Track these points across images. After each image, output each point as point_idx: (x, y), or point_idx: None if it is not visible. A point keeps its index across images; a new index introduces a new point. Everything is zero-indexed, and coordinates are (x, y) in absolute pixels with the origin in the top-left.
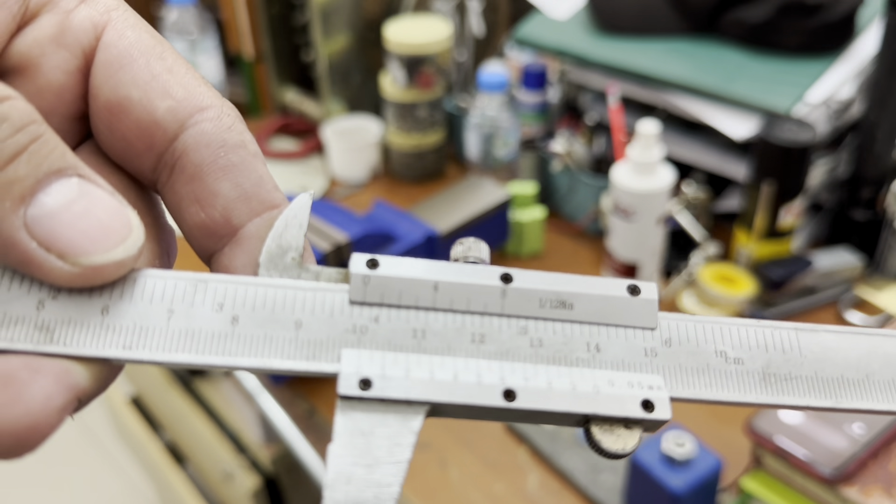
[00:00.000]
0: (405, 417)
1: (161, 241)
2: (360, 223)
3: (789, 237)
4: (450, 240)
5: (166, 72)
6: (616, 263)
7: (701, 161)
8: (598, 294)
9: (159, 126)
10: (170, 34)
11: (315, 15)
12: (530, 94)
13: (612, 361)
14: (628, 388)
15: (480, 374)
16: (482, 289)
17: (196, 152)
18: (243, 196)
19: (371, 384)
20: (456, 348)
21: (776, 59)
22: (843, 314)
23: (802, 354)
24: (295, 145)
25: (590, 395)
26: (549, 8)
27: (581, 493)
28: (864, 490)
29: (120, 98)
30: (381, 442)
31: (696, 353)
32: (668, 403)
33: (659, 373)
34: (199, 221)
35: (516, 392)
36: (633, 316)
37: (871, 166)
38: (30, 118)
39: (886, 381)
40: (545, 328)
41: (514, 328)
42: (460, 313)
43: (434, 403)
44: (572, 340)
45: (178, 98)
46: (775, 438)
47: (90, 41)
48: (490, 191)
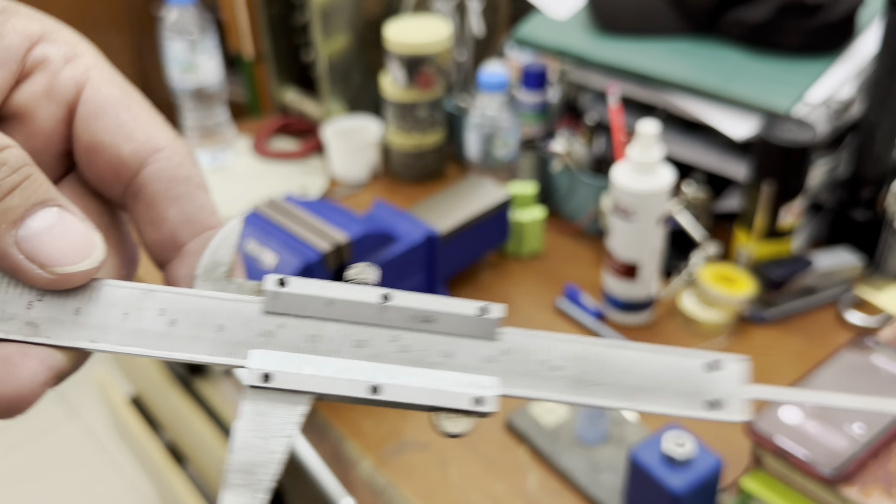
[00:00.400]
0: (294, 404)
1: (125, 254)
2: (360, 223)
3: (789, 237)
4: (450, 240)
5: (132, 120)
6: (616, 263)
7: (701, 161)
8: (455, 313)
9: (125, 164)
10: (170, 34)
11: (315, 15)
12: (530, 95)
13: (460, 365)
14: (467, 387)
15: (355, 373)
16: (365, 305)
17: (152, 185)
18: (187, 220)
19: (270, 377)
20: (341, 351)
21: (776, 59)
22: (842, 314)
23: (611, 365)
24: (295, 145)
25: (436, 391)
26: (548, 8)
27: (581, 493)
28: (864, 490)
29: (95, 142)
30: (275, 421)
31: (525, 361)
32: (497, 399)
33: (495, 375)
34: (153, 240)
35: (381, 387)
36: (480, 330)
37: (871, 166)
38: (23, 161)
39: (676, 391)
40: (411, 337)
41: (387, 337)
42: (347, 323)
43: (317, 394)
44: (431, 348)
45: (139, 141)
46: (775, 438)
47: (73, 96)
48: (490, 191)
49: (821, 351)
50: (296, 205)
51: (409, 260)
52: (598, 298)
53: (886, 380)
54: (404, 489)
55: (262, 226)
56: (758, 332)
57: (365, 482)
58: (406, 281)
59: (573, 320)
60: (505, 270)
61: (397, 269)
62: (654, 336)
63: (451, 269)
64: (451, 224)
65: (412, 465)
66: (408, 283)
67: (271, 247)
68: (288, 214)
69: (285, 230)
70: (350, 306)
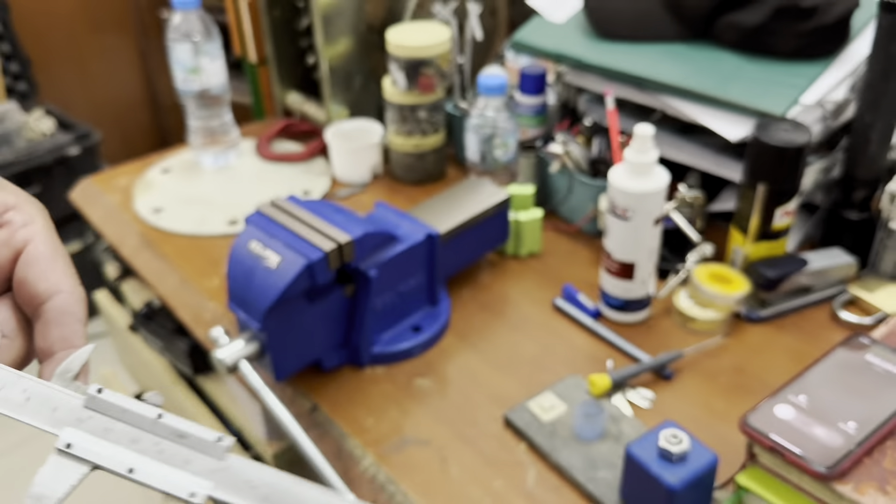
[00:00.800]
0: (80, 466)
1: (30, 350)
2: (362, 223)
3: (784, 238)
4: (450, 239)
5: (50, 270)
6: (613, 263)
7: (696, 162)
8: (200, 437)
9: (38, 295)
10: (174, 37)
11: (317, 19)
12: (529, 97)
13: (194, 470)
14: (190, 485)
15: (124, 458)
16: (145, 418)
17: (48, 312)
18: (62, 339)
19: (71, 446)
20: (121, 442)
21: (771, 63)
22: (837, 313)
23: (291, 495)
24: (298, 147)
25: (170, 482)
26: (547, 11)
27: (579, 489)
28: (858, 487)
29: (24, 278)
30: (64, 473)
31: (236, 478)
32: (205, 497)
33: (212, 482)
34: (40, 346)
35: (135, 470)
36: (213, 451)
37: (865, 167)
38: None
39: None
40: (168, 444)
41: (153, 440)
42: (131, 426)
43: (94, 465)
44: (178, 454)
45: (50, 282)
46: (770, 435)
47: (21, 247)
48: (490, 191)
49: (815, 349)
50: (298, 205)
51: (410, 259)
52: (596, 298)
53: (880, 377)
54: (405, 485)
55: (266, 226)
56: (752, 330)
57: (367, 478)
58: (408, 280)
59: (571, 319)
60: (504, 270)
61: (399, 268)
62: (650, 334)
63: (452, 268)
64: (451, 224)
65: (413, 462)
66: (409, 282)
67: (274, 247)
68: (291, 214)
69: (288, 230)
70: (135, 416)
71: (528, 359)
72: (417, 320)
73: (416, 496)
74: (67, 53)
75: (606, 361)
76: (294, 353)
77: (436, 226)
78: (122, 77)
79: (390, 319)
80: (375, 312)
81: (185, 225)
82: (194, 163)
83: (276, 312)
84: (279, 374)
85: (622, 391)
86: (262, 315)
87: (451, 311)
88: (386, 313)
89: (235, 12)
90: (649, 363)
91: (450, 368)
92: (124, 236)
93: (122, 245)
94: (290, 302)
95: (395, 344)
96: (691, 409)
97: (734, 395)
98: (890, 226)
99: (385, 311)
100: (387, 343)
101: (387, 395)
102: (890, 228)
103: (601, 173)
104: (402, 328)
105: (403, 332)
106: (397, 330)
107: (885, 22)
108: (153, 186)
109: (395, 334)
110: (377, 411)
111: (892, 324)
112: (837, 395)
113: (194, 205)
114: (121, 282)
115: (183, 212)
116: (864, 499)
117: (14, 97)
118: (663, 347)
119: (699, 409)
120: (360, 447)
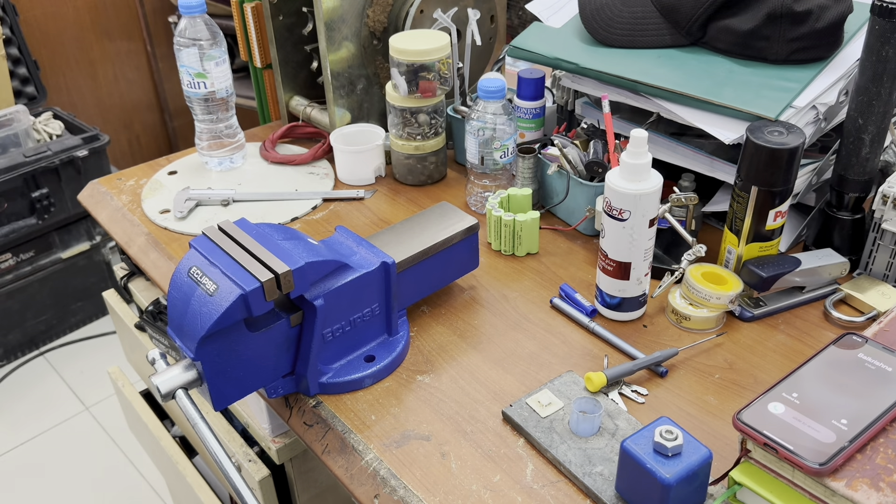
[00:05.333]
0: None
1: None
2: (309, 252)
3: (777, 238)
4: (410, 267)
5: None
6: (609, 263)
7: (690, 164)
8: None
9: None
10: (181, 42)
11: (320, 25)
12: (527, 101)
13: None
14: None
15: None
16: None
17: None
18: None
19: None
20: None
21: (765, 67)
22: (829, 312)
23: None
24: (303, 150)
25: None
26: (546, 17)
27: (576, 483)
28: (851, 483)
29: None
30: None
31: None
32: None
33: None
34: None
35: None
36: None
37: (857, 169)
38: None
39: None
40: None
41: None
42: None
43: None
44: None
45: None
46: (763, 431)
47: None
48: (457, 218)
49: (807, 348)
50: (246, 230)
51: (363, 288)
52: (592, 297)
53: (872, 375)
54: (406, 479)
55: (208, 251)
56: (746, 329)
57: (369, 472)
58: (361, 308)
59: (568, 318)
60: (502, 270)
61: (351, 296)
62: (645, 333)
63: (414, 296)
64: (410, 252)
65: (414, 456)
66: (363, 311)
67: (211, 275)
68: (235, 240)
69: (230, 256)
70: None
71: (527, 356)
72: (372, 350)
73: (417, 490)
74: (76, 58)
75: (602, 359)
76: (234, 382)
77: (395, 253)
78: (129, 81)
79: (342, 349)
80: (325, 342)
81: (191, 226)
82: (200, 165)
83: (211, 342)
84: (217, 405)
85: (618, 388)
86: (197, 344)
87: (409, 339)
88: (337, 342)
89: (241, 18)
90: (644, 361)
91: (450, 365)
92: (132, 237)
93: (130, 245)
94: (228, 331)
95: (346, 374)
96: (685, 405)
97: (727, 392)
98: (883, 226)
99: (336, 341)
100: (337, 373)
101: (389, 391)
102: (883, 229)
103: (598, 175)
104: (354, 358)
105: (355, 362)
106: (349, 359)
107: (877, 26)
108: (160, 188)
109: (346, 364)
110: (379, 407)
111: (883, 322)
112: (830, 392)
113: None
114: (128, 281)
115: (189, 213)
116: (857, 495)
117: (22, 100)
118: (658, 346)
119: (693, 405)
120: (363, 442)
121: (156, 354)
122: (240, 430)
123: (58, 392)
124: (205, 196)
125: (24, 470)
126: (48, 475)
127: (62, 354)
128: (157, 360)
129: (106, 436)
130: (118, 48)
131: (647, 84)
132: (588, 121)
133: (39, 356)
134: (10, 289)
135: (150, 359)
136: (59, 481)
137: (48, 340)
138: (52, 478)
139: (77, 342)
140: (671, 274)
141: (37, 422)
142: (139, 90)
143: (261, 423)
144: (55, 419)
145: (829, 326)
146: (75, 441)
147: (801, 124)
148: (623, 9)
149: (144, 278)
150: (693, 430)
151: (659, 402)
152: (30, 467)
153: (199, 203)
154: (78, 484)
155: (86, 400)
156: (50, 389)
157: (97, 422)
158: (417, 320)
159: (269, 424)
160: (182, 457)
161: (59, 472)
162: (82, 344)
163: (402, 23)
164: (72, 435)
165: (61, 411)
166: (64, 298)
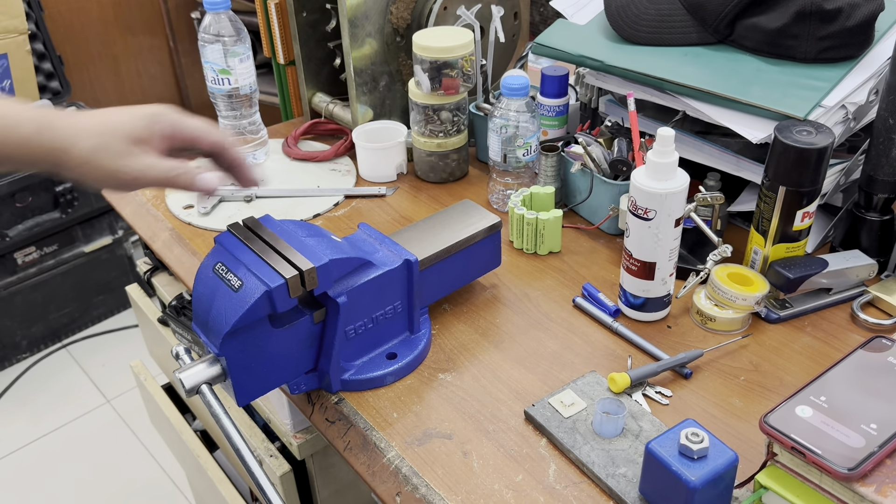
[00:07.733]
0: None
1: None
2: (333, 249)
3: (804, 239)
4: (433, 264)
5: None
6: (633, 262)
7: (717, 163)
8: None
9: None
10: (205, 38)
11: (343, 21)
12: (551, 99)
13: None
14: None
15: None
16: None
17: (217, 147)
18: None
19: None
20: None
21: (793, 65)
22: (857, 314)
23: None
24: (325, 147)
25: None
26: (570, 14)
27: (599, 485)
28: (881, 489)
29: (190, 137)
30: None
31: None
32: None
33: None
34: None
35: None
36: None
37: (886, 170)
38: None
39: None
40: None
41: None
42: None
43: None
44: None
45: (203, 131)
46: (791, 435)
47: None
48: (481, 215)
49: (834, 350)
50: (270, 226)
51: (385, 286)
52: (616, 297)
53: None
54: (428, 477)
55: (233, 247)
56: (772, 330)
57: (391, 470)
58: (384, 306)
59: (591, 317)
60: (525, 269)
61: (373, 294)
62: (669, 334)
63: (436, 294)
64: (433, 250)
65: (436, 455)
66: (386, 308)
67: (237, 271)
68: (259, 237)
69: (255, 253)
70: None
71: (549, 356)
72: (394, 347)
73: (439, 488)
74: (99, 53)
75: (625, 359)
76: (257, 378)
77: (418, 251)
78: (152, 76)
79: (364, 346)
80: (347, 339)
81: (214, 221)
82: None
83: (236, 338)
84: (240, 400)
85: (641, 389)
86: (221, 340)
87: (431, 337)
88: (359, 340)
89: (265, 14)
90: (668, 362)
91: (472, 364)
92: (156, 232)
93: (155, 240)
94: (252, 327)
95: (368, 371)
96: (710, 407)
97: (753, 395)
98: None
99: (358, 338)
100: (359, 370)
101: (410, 388)
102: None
103: (622, 174)
104: (376, 355)
105: (377, 359)
106: (371, 356)
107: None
108: None
109: (368, 361)
110: (401, 405)
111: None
112: (858, 395)
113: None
114: (152, 276)
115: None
116: (887, 501)
117: (47, 95)
118: (682, 346)
119: (718, 407)
120: (385, 439)
121: (180, 349)
122: (261, 426)
123: (79, 384)
124: (228, 192)
125: (46, 461)
126: (69, 467)
127: (84, 347)
128: (182, 355)
129: (127, 428)
130: (141, 44)
131: (673, 82)
132: (612, 119)
133: (62, 349)
134: (34, 282)
135: (174, 354)
136: (79, 473)
137: (70, 333)
138: (73, 469)
139: (99, 335)
140: (696, 274)
141: (58, 414)
142: (161, 86)
143: (282, 419)
144: (77, 411)
145: (856, 329)
146: (96, 433)
147: (830, 124)
148: (649, 6)
149: (168, 273)
150: (718, 433)
151: (683, 403)
152: (51, 459)
153: (222, 199)
154: (98, 476)
155: (107, 393)
156: (72, 382)
157: (118, 414)
158: (439, 318)
159: (291, 420)
160: (203, 451)
161: (80, 464)
162: (104, 337)
163: (426, 19)
164: (93, 427)
165: (83, 403)
166: (86, 292)
